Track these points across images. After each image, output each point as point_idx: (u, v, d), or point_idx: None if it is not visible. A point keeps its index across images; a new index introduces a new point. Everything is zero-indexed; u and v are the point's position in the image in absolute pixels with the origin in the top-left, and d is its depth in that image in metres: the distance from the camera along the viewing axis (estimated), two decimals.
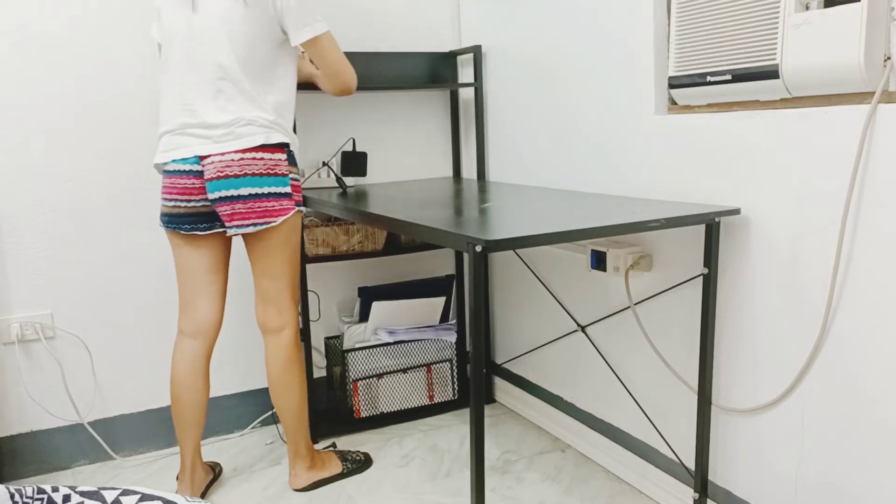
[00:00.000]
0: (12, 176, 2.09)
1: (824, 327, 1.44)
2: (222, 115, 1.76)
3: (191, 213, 1.83)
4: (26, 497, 0.94)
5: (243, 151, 1.76)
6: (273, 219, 1.81)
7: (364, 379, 2.43)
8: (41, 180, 2.12)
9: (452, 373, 2.58)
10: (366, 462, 2.18)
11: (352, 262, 2.61)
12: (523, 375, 2.51)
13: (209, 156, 1.77)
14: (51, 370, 2.20)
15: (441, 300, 2.52)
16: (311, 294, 2.56)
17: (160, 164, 1.86)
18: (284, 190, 1.82)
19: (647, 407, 1.94)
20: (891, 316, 1.32)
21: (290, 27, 1.79)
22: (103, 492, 0.96)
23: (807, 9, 1.41)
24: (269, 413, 2.51)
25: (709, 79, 1.62)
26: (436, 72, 2.60)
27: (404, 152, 2.64)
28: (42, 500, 0.94)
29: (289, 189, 1.83)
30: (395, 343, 2.46)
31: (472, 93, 2.59)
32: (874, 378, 1.36)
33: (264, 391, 2.50)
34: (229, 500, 2.02)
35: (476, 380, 1.37)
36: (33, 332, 2.16)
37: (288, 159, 1.83)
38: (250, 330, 2.46)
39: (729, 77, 1.57)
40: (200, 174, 1.78)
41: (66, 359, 2.22)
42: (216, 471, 2.13)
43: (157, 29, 1.88)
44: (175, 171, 1.80)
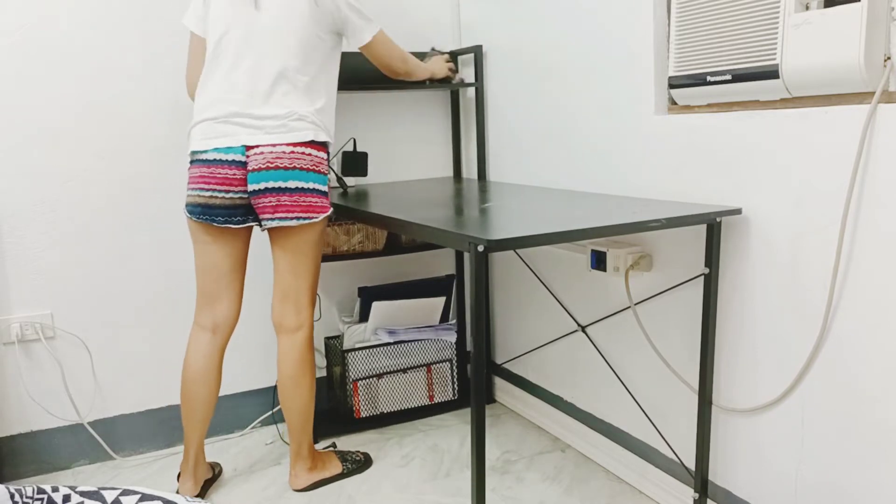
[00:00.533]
0: (12, 176, 2.09)
1: (824, 327, 1.44)
2: (276, 109, 1.78)
3: (227, 206, 1.81)
4: (26, 497, 0.94)
5: (294, 145, 1.77)
6: (315, 215, 1.82)
7: (364, 379, 2.43)
8: (41, 180, 2.12)
9: (452, 373, 2.58)
10: (366, 462, 2.18)
11: (352, 262, 2.61)
12: (523, 375, 2.51)
13: (258, 146, 1.76)
14: (51, 370, 2.20)
15: (441, 300, 2.52)
16: None
17: (198, 152, 1.81)
18: (325, 188, 1.84)
19: (648, 407, 1.94)
20: (891, 316, 1.32)
21: (349, 30, 1.85)
22: (103, 492, 0.96)
23: (807, 9, 1.41)
24: (270, 413, 2.51)
25: (709, 79, 1.62)
26: None
27: (405, 152, 2.64)
28: (42, 500, 0.94)
29: (327, 188, 1.85)
30: (395, 343, 2.46)
31: (472, 93, 2.59)
32: (874, 378, 1.36)
33: (265, 391, 2.50)
34: (229, 500, 2.02)
35: (476, 380, 1.37)
36: (33, 332, 2.16)
37: (327, 159, 1.85)
38: (251, 329, 2.46)
39: (729, 77, 1.57)
40: (243, 165, 1.77)
41: (66, 359, 2.22)
42: (216, 471, 2.13)
43: (195, 19, 1.87)
44: (216, 160, 1.77)
